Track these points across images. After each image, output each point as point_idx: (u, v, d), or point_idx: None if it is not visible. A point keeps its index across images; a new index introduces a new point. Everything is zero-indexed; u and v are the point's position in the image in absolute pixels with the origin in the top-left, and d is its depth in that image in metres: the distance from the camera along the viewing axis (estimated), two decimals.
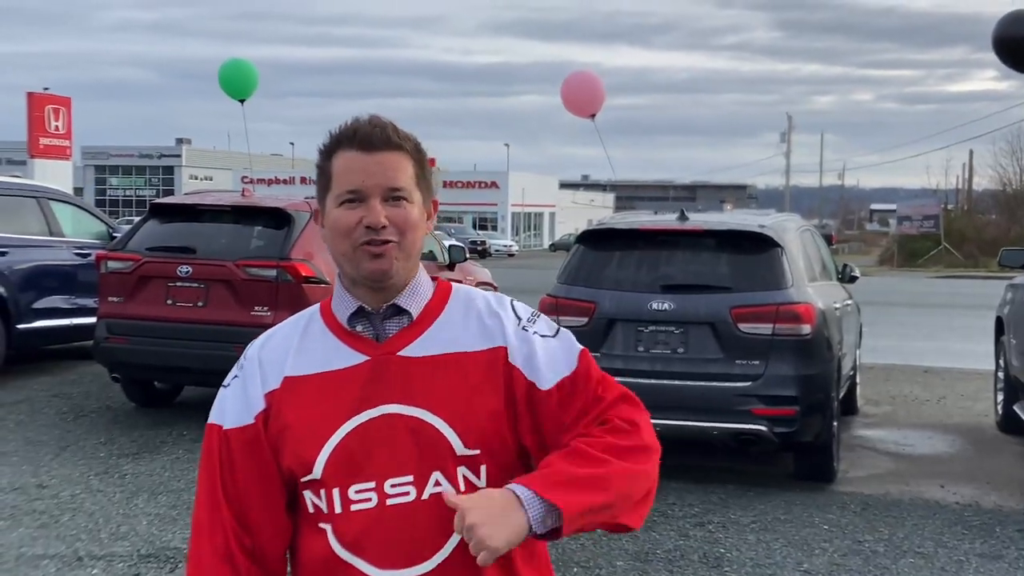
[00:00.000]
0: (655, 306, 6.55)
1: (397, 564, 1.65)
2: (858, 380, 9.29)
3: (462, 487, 1.65)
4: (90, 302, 9.03)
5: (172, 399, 8.77)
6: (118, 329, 7.92)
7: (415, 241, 1.70)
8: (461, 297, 1.78)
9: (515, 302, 1.80)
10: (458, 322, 1.73)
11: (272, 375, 1.72)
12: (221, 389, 1.78)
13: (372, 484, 1.65)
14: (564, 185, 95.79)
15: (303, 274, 7.74)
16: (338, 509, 1.66)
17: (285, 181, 63.89)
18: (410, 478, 1.65)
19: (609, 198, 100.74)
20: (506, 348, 1.71)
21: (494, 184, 72.89)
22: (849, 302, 8.49)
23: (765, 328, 6.31)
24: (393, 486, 1.65)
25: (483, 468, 1.67)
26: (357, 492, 1.66)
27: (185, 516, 5.62)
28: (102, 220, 11.64)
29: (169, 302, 7.81)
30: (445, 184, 65.72)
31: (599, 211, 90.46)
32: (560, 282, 7.02)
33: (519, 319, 1.75)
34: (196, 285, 7.78)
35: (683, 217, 7.10)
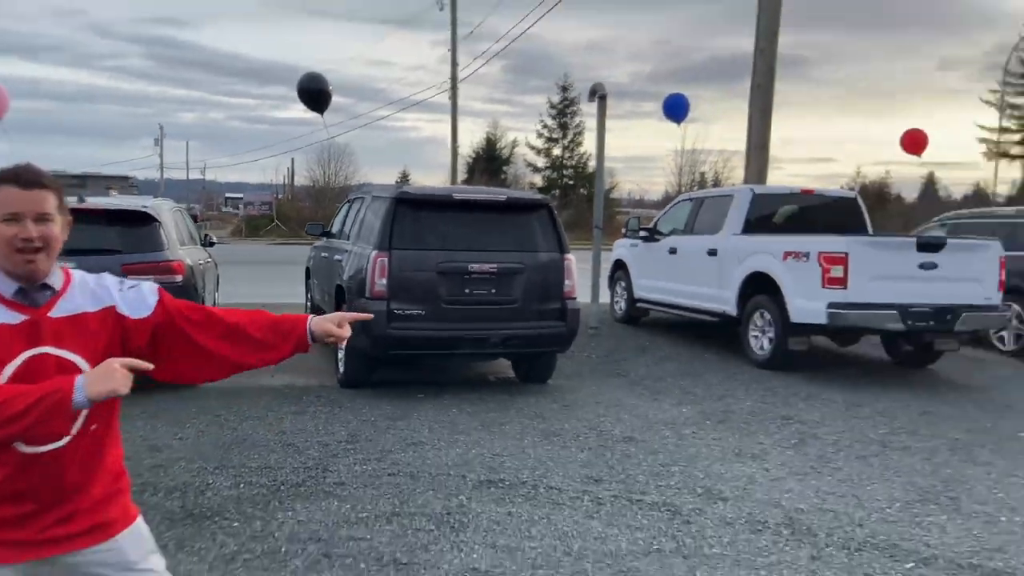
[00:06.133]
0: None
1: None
2: None
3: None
4: None
5: None
6: None
7: (56, 248, 2.31)
8: (77, 277, 2.43)
9: (109, 276, 2.49)
10: (78, 294, 2.38)
11: None
12: None
13: None
14: None
15: None
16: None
17: None
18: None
19: None
20: (115, 305, 2.41)
21: None
22: (209, 260, 11.36)
23: (148, 278, 8.65)
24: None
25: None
26: None
27: None
28: None
29: None
30: None
31: None
32: None
33: (120, 285, 2.47)
34: None
35: (81, 200, 9.04)
